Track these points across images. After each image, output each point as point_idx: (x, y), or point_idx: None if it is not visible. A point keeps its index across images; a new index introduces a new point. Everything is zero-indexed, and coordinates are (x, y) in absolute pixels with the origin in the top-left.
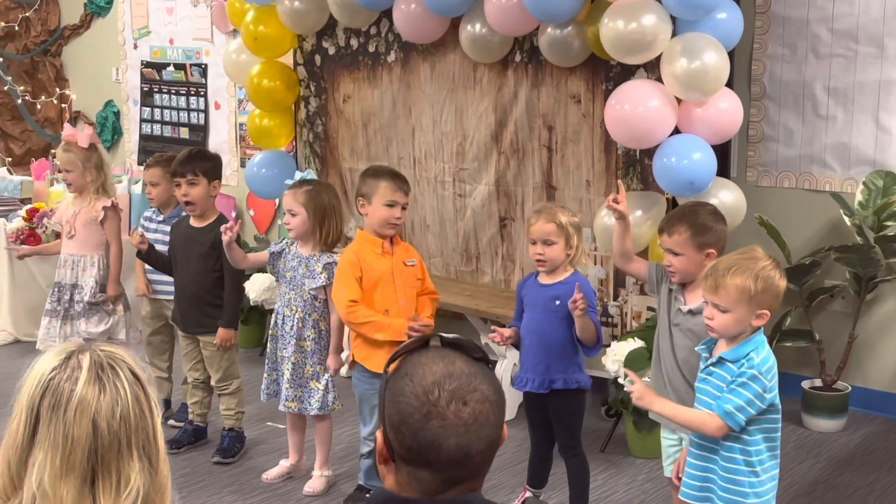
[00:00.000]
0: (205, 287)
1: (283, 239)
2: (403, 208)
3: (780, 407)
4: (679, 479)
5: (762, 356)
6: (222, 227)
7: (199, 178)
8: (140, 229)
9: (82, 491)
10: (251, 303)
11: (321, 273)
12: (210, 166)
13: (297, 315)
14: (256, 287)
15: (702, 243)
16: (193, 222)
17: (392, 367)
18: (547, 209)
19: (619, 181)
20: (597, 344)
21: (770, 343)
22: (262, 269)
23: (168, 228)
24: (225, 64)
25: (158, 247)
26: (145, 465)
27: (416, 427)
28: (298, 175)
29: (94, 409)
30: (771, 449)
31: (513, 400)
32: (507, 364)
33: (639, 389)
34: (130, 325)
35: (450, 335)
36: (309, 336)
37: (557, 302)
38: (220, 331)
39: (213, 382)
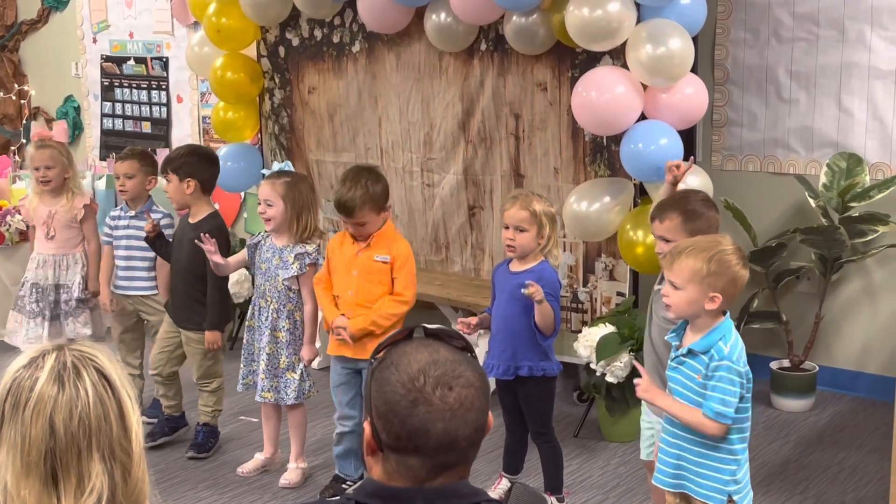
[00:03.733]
0: (192, 283)
1: (260, 232)
2: (358, 223)
3: (749, 396)
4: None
5: (731, 343)
6: (204, 245)
7: (170, 176)
8: (153, 217)
9: (44, 492)
10: None
11: (293, 263)
12: (179, 164)
13: (272, 306)
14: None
15: (693, 229)
16: (190, 217)
17: (378, 357)
18: (523, 196)
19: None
20: (553, 332)
21: (738, 325)
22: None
23: (141, 224)
24: (188, 57)
25: (132, 242)
26: (110, 468)
27: (404, 414)
28: (277, 166)
29: (51, 409)
30: (741, 431)
31: None
32: (479, 352)
33: (645, 382)
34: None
35: (433, 325)
36: (284, 326)
37: (523, 290)
38: (207, 334)
39: (193, 379)
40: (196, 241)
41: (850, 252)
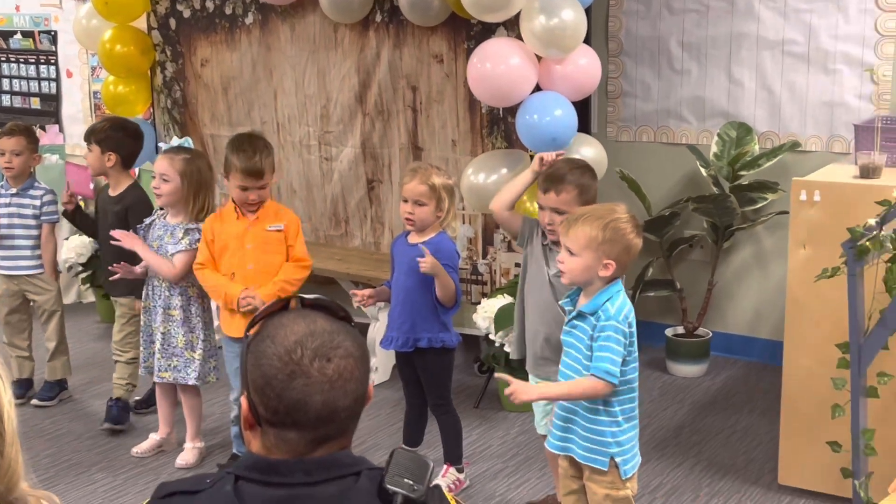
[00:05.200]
0: (118, 253)
1: (156, 211)
2: (261, 187)
3: (637, 356)
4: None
5: (617, 305)
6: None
7: (92, 147)
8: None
9: None
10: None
11: (183, 238)
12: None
13: (164, 284)
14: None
15: (585, 202)
16: (110, 189)
17: (253, 331)
18: (422, 169)
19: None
20: (455, 304)
21: (633, 294)
22: None
23: (24, 201)
24: (75, 30)
25: (14, 220)
26: None
27: (281, 388)
28: (175, 141)
29: None
30: (621, 394)
31: (387, 362)
32: (379, 326)
33: (512, 388)
34: None
35: (310, 295)
36: (177, 304)
37: (418, 258)
38: (122, 299)
39: (112, 346)
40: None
41: (741, 220)
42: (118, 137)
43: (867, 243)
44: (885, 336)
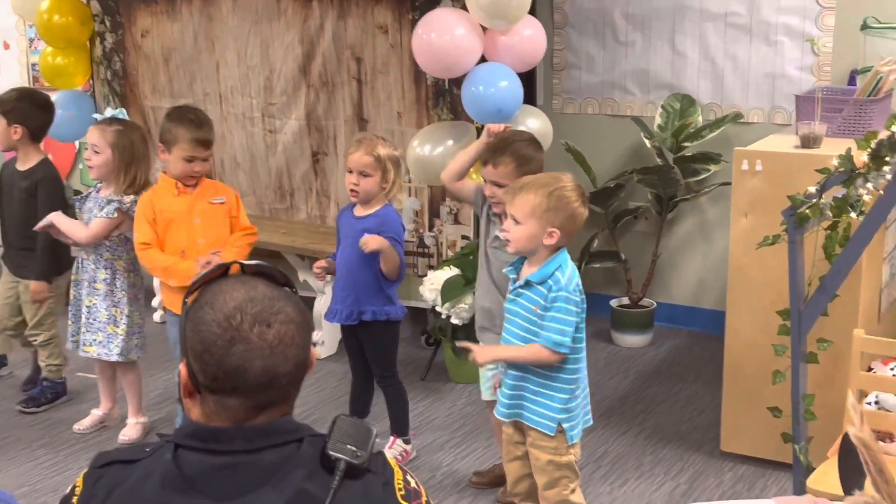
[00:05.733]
0: (24, 231)
1: (91, 187)
2: (206, 159)
3: (583, 325)
4: (496, 389)
5: (567, 274)
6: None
7: None
8: None
9: None
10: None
11: (105, 206)
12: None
13: (91, 257)
14: None
15: (525, 173)
16: (18, 164)
17: (191, 298)
18: (367, 140)
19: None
20: (399, 277)
21: (579, 265)
22: None
23: None
24: (12, 0)
25: None
26: None
27: (221, 354)
28: (109, 112)
29: None
30: (574, 362)
31: (333, 335)
32: (324, 300)
33: (474, 353)
34: None
35: (250, 261)
36: (101, 278)
37: (366, 234)
38: (32, 284)
39: (26, 332)
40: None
41: (685, 191)
42: (25, 109)
43: (807, 211)
44: (824, 302)
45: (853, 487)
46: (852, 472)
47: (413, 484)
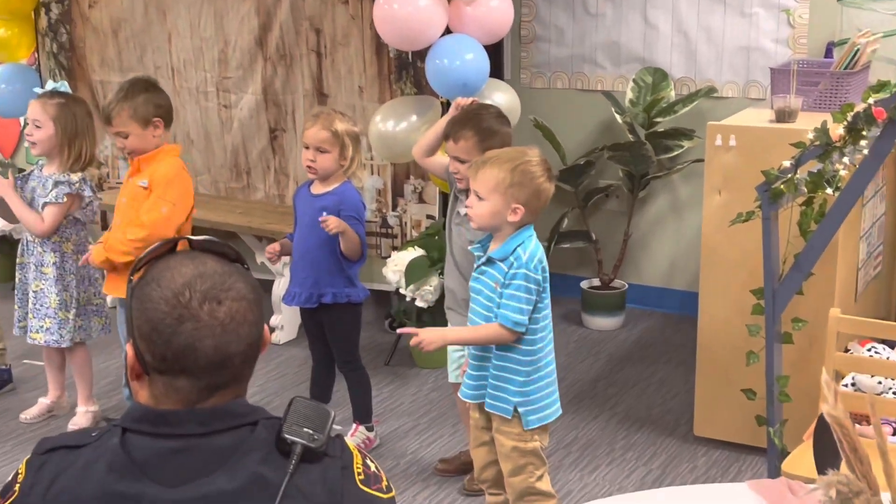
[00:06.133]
0: None
1: (34, 164)
2: (119, 135)
3: (549, 304)
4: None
5: (529, 251)
6: None
7: None
8: None
9: None
10: None
11: (52, 190)
12: None
13: (36, 239)
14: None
15: (488, 148)
16: None
17: (137, 275)
18: (325, 114)
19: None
20: (361, 258)
21: (549, 245)
22: None
23: None
24: None
25: None
26: None
27: (169, 333)
28: (51, 85)
29: None
30: (531, 343)
31: (293, 320)
32: (283, 282)
33: (419, 338)
34: None
35: (199, 237)
36: (50, 261)
37: (325, 213)
38: None
39: None
40: None
41: (657, 168)
42: None
43: (781, 186)
44: (799, 281)
45: (827, 468)
46: (827, 452)
47: (373, 468)
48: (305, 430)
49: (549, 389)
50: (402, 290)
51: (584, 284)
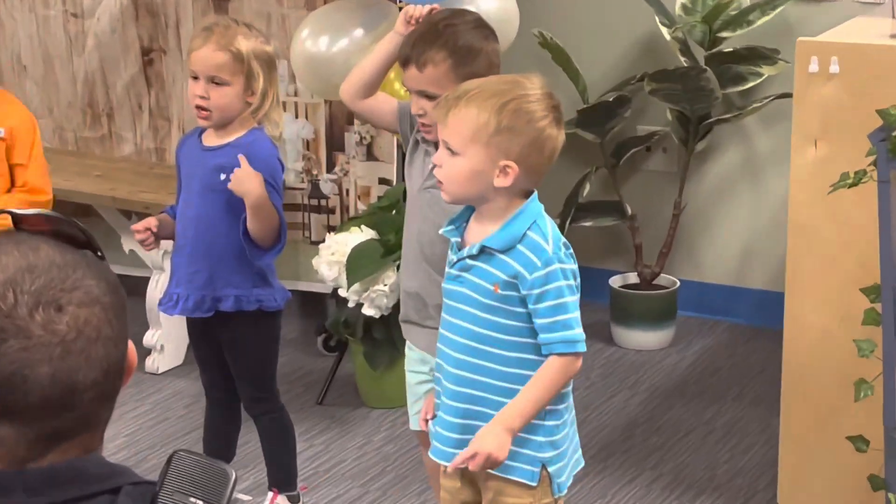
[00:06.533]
0: None
1: None
2: None
3: None
4: (427, 421)
5: (550, 233)
6: None
7: None
8: None
9: None
10: None
11: None
12: None
13: None
14: None
15: (470, 74)
16: None
17: None
18: (220, 28)
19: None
20: (277, 244)
21: (561, 224)
22: None
23: None
24: None
25: None
26: None
27: None
28: None
29: None
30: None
31: (179, 336)
32: (163, 280)
33: (468, 455)
34: None
35: (28, 210)
36: None
37: (223, 176)
38: None
39: None
40: None
41: (723, 108)
42: None
43: None
44: None
45: None
46: None
47: None
48: (192, 499)
49: (574, 433)
50: (342, 292)
51: (614, 282)
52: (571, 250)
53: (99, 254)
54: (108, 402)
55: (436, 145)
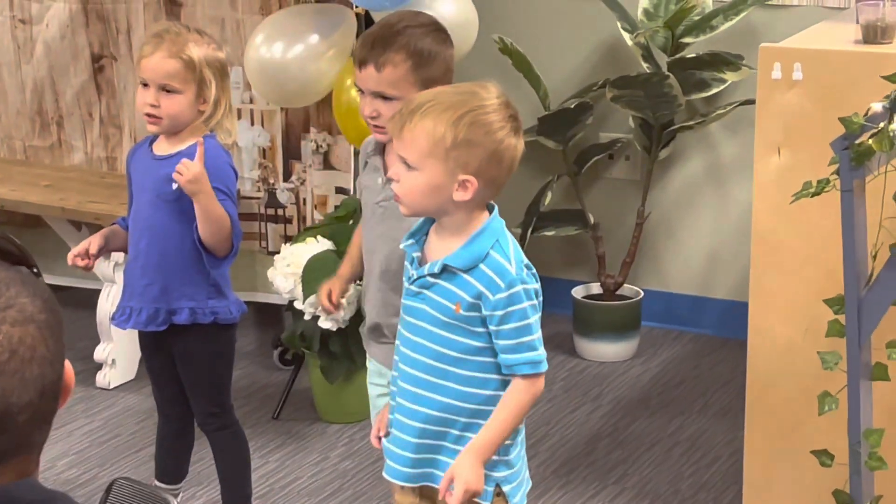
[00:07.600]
0: None
1: None
2: None
3: None
4: (380, 438)
5: (512, 252)
6: None
7: None
8: None
9: None
10: None
11: None
12: None
13: None
14: None
15: (428, 78)
16: None
17: None
18: (171, 35)
19: None
20: (231, 251)
21: (522, 234)
22: None
23: None
24: None
25: None
26: None
27: None
28: None
29: None
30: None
31: (130, 350)
32: (115, 293)
33: (461, 488)
34: None
35: None
36: None
37: (175, 185)
38: None
39: None
40: None
41: (686, 115)
42: None
43: (870, 141)
44: None
45: None
46: None
47: None
48: None
49: (523, 449)
50: (298, 304)
51: (577, 292)
52: (534, 270)
53: (35, 270)
54: (44, 425)
55: (384, 161)
